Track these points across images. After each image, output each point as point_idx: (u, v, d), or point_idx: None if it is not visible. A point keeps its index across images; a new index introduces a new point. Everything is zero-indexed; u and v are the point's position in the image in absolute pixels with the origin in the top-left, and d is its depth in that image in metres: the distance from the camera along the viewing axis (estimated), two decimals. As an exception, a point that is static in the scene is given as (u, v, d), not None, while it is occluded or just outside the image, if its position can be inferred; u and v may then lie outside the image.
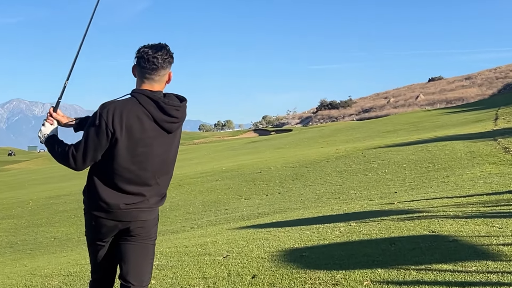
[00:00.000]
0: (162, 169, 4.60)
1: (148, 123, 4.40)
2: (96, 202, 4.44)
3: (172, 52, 4.60)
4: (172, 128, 4.53)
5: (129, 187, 4.44)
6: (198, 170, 33.36)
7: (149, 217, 4.58)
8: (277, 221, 12.60)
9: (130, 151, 4.38)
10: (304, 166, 25.33)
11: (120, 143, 4.33)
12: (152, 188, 4.55)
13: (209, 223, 16.10)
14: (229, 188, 23.42)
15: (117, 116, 4.31)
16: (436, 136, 28.57)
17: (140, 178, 4.47)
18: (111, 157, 4.38)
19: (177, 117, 4.50)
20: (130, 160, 4.39)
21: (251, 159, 37.13)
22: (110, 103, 4.40)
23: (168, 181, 4.73)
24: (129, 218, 4.48)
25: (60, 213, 23.39)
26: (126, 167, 4.40)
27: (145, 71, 4.50)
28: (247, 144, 62.99)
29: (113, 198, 4.41)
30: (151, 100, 4.43)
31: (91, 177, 4.49)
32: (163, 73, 4.54)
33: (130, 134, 4.35)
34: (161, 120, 4.44)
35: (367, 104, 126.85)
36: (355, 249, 7.58)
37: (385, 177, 19.21)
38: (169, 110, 4.45)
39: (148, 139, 4.42)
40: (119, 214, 4.44)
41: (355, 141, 40.81)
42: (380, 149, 25.99)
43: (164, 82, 4.60)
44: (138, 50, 4.54)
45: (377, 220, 9.69)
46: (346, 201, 15.51)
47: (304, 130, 78.27)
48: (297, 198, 18.60)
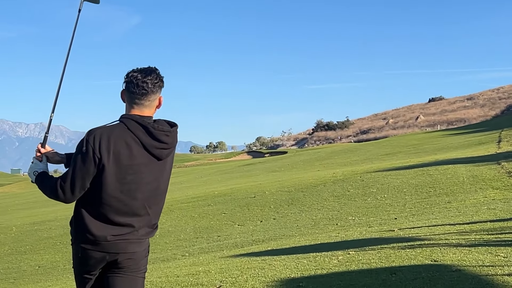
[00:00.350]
0: (152, 198, 4.56)
1: (136, 149, 4.39)
2: (83, 234, 4.41)
3: (162, 76, 4.59)
4: (162, 155, 4.51)
5: (118, 217, 4.40)
6: (189, 194, 33.31)
7: (138, 249, 4.54)
8: (272, 249, 12.58)
9: (119, 179, 4.35)
10: (300, 190, 25.33)
11: (107, 170, 4.30)
12: (142, 218, 4.51)
13: (201, 251, 16.06)
14: (222, 213, 23.39)
15: (104, 142, 4.29)
16: (437, 159, 28.64)
17: (129, 208, 4.43)
18: (99, 185, 4.35)
19: (167, 142, 4.48)
20: (118, 189, 4.36)
21: (245, 182, 37.11)
22: (97, 129, 4.39)
23: (159, 211, 4.69)
24: (117, 250, 4.44)
25: (45, 239, 23.29)
26: (115, 196, 4.37)
27: (134, 96, 4.49)
28: (241, 167, 62.96)
29: (100, 230, 4.37)
30: (140, 125, 4.42)
31: (78, 208, 4.46)
32: (153, 98, 4.54)
33: (118, 161, 4.33)
34: (151, 146, 4.42)
35: (365, 125, 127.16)
36: (354, 279, 7.57)
37: (384, 202, 19.22)
38: (159, 135, 4.44)
39: (137, 166, 4.40)
40: (107, 245, 4.40)
41: (353, 164, 40.85)
42: (379, 173, 26.02)
43: (154, 107, 4.59)
44: (127, 74, 4.53)
45: (376, 248, 9.69)
46: (344, 228, 15.50)
47: (299, 153, 78.30)
48: (293, 224, 18.59)
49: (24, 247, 22.22)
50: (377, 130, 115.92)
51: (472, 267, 7.42)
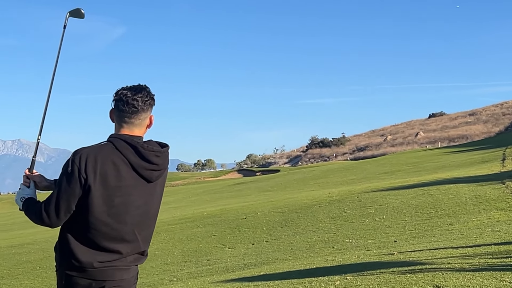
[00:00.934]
0: (142, 223, 4.56)
1: (125, 170, 4.41)
2: (68, 260, 4.41)
3: (153, 94, 4.64)
4: (152, 177, 4.52)
5: (105, 243, 4.41)
6: (176, 215, 33.27)
7: (126, 276, 4.53)
8: (265, 274, 12.58)
9: (106, 202, 4.37)
10: (294, 211, 25.34)
11: (94, 192, 4.32)
12: (130, 244, 4.51)
13: (190, 276, 16.04)
14: (211, 235, 23.37)
15: (90, 162, 4.32)
16: (438, 179, 28.74)
17: (117, 233, 4.43)
18: (85, 208, 4.36)
19: (157, 163, 4.50)
20: (106, 212, 4.37)
21: (235, 203, 37.11)
22: (83, 148, 4.43)
23: (149, 237, 4.69)
24: (104, 277, 4.43)
25: (23, 264, 23.19)
26: (102, 220, 4.38)
27: (124, 115, 4.53)
28: (231, 186, 62.94)
29: (86, 256, 4.38)
30: (129, 145, 4.44)
31: (64, 232, 4.47)
32: (144, 117, 4.58)
33: (105, 182, 4.35)
34: (140, 167, 4.44)
35: (362, 142, 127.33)
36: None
37: (383, 224, 19.26)
38: (149, 155, 4.46)
39: (125, 188, 4.42)
40: (93, 272, 4.40)
41: (349, 183, 40.92)
42: (377, 193, 26.08)
43: (145, 126, 4.63)
44: (116, 92, 4.57)
45: (375, 272, 9.72)
46: (341, 251, 15.52)
47: (293, 171, 78.35)
48: (287, 247, 18.60)
49: (1, 272, 22.12)
50: (374, 147, 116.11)
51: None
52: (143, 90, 4.57)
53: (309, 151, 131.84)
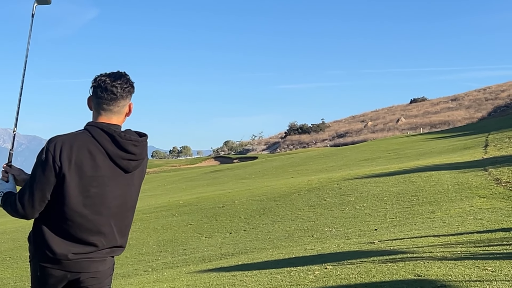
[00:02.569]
0: (119, 215, 4.56)
1: (101, 159, 4.39)
2: (42, 251, 4.40)
3: (133, 81, 4.62)
4: (129, 167, 4.51)
5: (80, 234, 4.40)
6: (151, 204, 33.20)
7: (102, 267, 4.53)
8: (243, 263, 12.61)
9: (81, 192, 4.35)
10: (272, 199, 25.39)
11: (69, 181, 4.31)
12: (106, 237, 4.50)
13: (166, 266, 16.03)
14: (188, 224, 23.37)
15: (65, 150, 4.30)
16: (419, 165, 28.88)
17: (93, 224, 4.42)
18: (60, 198, 4.35)
19: (134, 153, 4.49)
20: (81, 202, 4.36)
21: (212, 191, 37.09)
22: (58, 136, 4.40)
23: (126, 230, 4.68)
24: (78, 268, 4.43)
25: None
26: (78, 211, 4.36)
27: (102, 102, 4.51)
28: (207, 174, 62.88)
29: (61, 247, 4.37)
30: (105, 133, 4.42)
31: (38, 223, 4.45)
32: (123, 104, 4.56)
33: (80, 171, 4.33)
34: (116, 156, 4.43)
35: (342, 128, 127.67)
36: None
37: (363, 212, 19.35)
38: (126, 144, 4.45)
39: (101, 178, 4.40)
40: (68, 264, 4.40)
41: (329, 170, 41.02)
42: (358, 180, 26.17)
43: (124, 114, 4.62)
44: (94, 79, 4.55)
45: (356, 262, 9.77)
46: (321, 240, 15.58)
47: (271, 158, 78.38)
48: (265, 236, 18.63)
49: (-31, 263, 21.98)
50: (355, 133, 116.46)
51: (458, 282, 7.51)
52: (122, 77, 4.56)
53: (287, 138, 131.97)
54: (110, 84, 4.49)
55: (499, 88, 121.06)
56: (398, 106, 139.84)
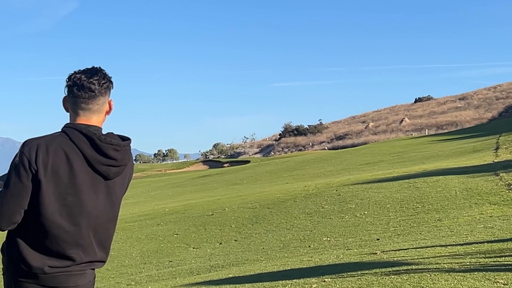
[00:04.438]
0: (99, 226, 4.51)
1: (79, 164, 4.35)
2: (16, 264, 4.36)
3: (110, 76, 4.60)
4: (110, 173, 4.47)
5: (57, 247, 4.35)
6: (135, 212, 33.19)
7: (80, 281, 4.47)
8: (234, 276, 12.60)
9: (58, 200, 4.31)
10: (266, 206, 25.41)
11: (45, 188, 4.26)
12: (85, 250, 4.45)
13: (150, 279, 16.02)
14: (174, 234, 23.36)
15: (41, 153, 4.26)
16: (425, 170, 28.93)
17: (71, 236, 4.37)
18: (35, 207, 4.30)
19: (115, 158, 4.44)
20: (58, 212, 4.31)
21: (201, 198, 37.10)
22: (34, 139, 4.36)
23: (106, 243, 4.61)
24: (56, 283, 4.36)
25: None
26: (54, 221, 4.31)
27: (79, 101, 4.47)
28: (195, 179, 62.90)
29: (36, 260, 4.32)
30: (84, 136, 4.38)
31: (11, 234, 4.41)
32: (102, 102, 4.53)
33: (57, 178, 4.29)
34: (95, 161, 4.38)
35: (341, 130, 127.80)
36: (331, 312, 7.63)
37: (364, 220, 19.36)
38: (106, 148, 4.40)
39: (80, 186, 4.36)
40: (44, 278, 4.34)
41: (327, 175, 41.07)
42: (358, 186, 26.21)
43: (104, 112, 4.58)
44: (69, 77, 4.51)
45: (356, 274, 9.77)
46: (318, 250, 15.59)
47: (264, 162, 78.48)
48: (258, 246, 18.64)
49: None
50: (355, 135, 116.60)
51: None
52: (98, 72, 4.53)
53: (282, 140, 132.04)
54: (87, 81, 4.45)
55: (511, 86, 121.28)
56: (402, 106, 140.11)
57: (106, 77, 4.56)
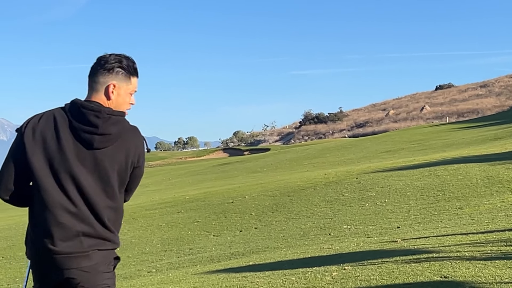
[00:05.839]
0: (89, 197, 4.48)
1: (65, 131, 4.42)
2: (28, 249, 4.53)
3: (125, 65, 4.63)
4: (93, 141, 4.44)
5: (50, 214, 4.39)
6: (155, 199, 33.29)
7: (85, 263, 4.44)
8: (254, 264, 12.61)
9: (47, 165, 4.40)
10: (286, 194, 25.39)
11: (31, 152, 4.37)
12: (77, 217, 4.43)
13: (171, 266, 16.06)
14: (194, 222, 23.40)
15: (33, 120, 4.44)
16: (446, 158, 28.82)
17: (60, 201, 4.42)
18: (34, 183, 4.41)
19: (96, 125, 4.41)
20: (48, 175, 4.40)
21: (221, 185, 37.14)
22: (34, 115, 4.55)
23: (103, 217, 4.52)
24: (62, 265, 4.41)
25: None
26: (44, 185, 4.39)
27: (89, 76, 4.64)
28: (216, 167, 62.96)
29: (40, 242, 4.40)
30: (72, 105, 4.48)
31: (28, 221, 4.56)
32: (97, 81, 4.57)
33: (44, 143, 4.40)
34: (78, 128, 4.42)
35: (362, 117, 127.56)
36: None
37: (385, 208, 19.32)
38: (87, 115, 4.41)
39: (66, 152, 4.40)
40: (51, 261, 4.40)
41: (347, 163, 41.00)
42: (379, 174, 26.14)
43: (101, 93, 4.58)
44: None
45: (377, 262, 9.75)
46: (339, 238, 15.58)
47: (285, 150, 78.43)
48: (278, 234, 18.64)
49: (-41, 263, 22.10)
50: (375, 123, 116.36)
51: (488, 284, 7.49)
52: (115, 54, 4.62)
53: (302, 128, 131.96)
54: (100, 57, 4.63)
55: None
56: (423, 94, 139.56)
57: (115, 59, 4.60)
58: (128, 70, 4.62)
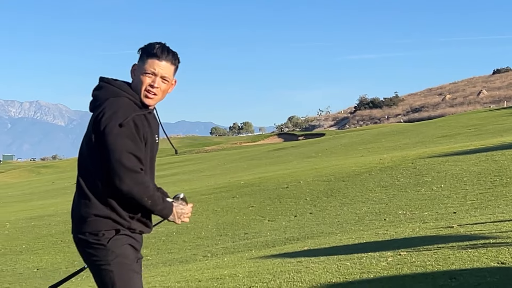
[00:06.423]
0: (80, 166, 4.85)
1: None
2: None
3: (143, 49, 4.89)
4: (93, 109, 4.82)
5: None
6: (210, 184, 33.47)
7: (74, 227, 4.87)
8: (309, 249, 12.63)
9: None
10: (341, 179, 25.33)
11: None
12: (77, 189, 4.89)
13: (226, 251, 16.15)
14: (249, 207, 23.48)
15: None
16: (503, 142, 28.45)
17: None
18: None
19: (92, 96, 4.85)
20: None
21: (275, 170, 37.17)
22: None
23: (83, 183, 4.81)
24: None
25: (43, 237, 23.56)
26: None
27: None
28: (270, 152, 63.02)
29: None
30: None
31: None
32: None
33: None
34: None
35: (418, 102, 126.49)
36: (407, 285, 7.60)
37: (441, 194, 19.17)
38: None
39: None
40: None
41: (403, 148, 40.73)
42: (435, 159, 25.92)
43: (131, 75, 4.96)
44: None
45: (432, 248, 9.70)
46: (394, 224, 15.51)
47: (339, 135, 78.19)
48: (333, 219, 18.62)
49: (19, 246, 22.49)
50: (431, 107, 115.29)
51: (546, 270, 7.40)
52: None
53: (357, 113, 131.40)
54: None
55: None
56: (480, 78, 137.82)
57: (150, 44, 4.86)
58: (145, 51, 4.83)
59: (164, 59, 4.76)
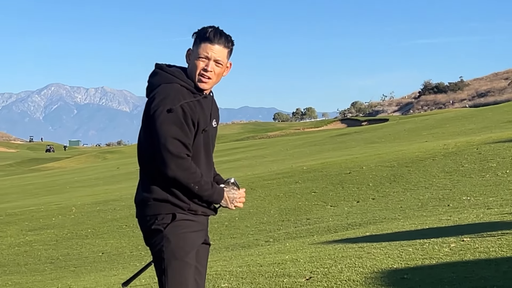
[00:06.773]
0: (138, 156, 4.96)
1: None
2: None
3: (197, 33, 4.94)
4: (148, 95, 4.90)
5: None
6: (273, 170, 33.52)
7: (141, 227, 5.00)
8: (371, 235, 12.60)
9: None
10: (404, 165, 25.15)
11: None
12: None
13: (288, 236, 16.19)
14: (312, 192, 23.47)
15: None
16: None
17: None
18: None
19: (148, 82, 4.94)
20: None
21: (338, 156, 37.08)
22: None
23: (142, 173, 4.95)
24: None
25: (108, 222, 23.92)
26: None
27: None
28: (333, 138, 62.87)
29: None
30: None
31: None
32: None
33: None
34: None
35: (483, 87, 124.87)
36: (470, 271, 7.53)
37: (506, 180, 18.92)
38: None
39: None
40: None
41: (468, 133, 40.25)
42: (500, 144, 25.57)
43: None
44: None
45: (497, 234, 9.59)
46: (457, 210, 15.36)
47: (403, 120, 77.58)
48: (396, 205, 18.52)
49: (85, 231, 22.88)
50: (497, 92, 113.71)
51: None
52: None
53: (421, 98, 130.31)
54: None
55: None
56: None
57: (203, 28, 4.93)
58: (199, 35, 4.88)
59: (217, 43, 4.78)
